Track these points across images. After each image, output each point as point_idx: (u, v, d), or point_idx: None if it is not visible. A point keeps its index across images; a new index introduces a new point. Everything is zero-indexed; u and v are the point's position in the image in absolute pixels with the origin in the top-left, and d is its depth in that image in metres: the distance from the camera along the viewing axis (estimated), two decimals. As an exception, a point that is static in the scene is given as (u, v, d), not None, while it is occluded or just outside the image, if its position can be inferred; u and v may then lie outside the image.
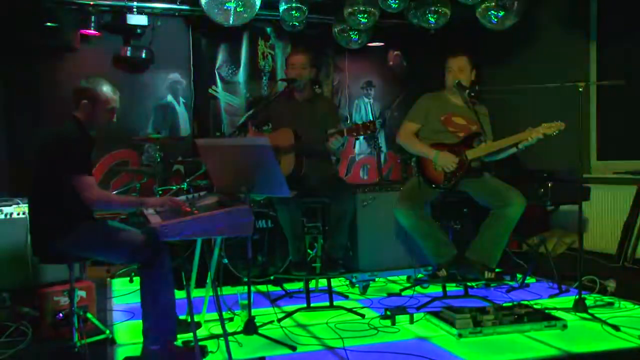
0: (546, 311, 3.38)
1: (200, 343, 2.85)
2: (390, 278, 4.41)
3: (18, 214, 3.54)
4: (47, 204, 2.73)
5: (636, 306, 3.56)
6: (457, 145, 3.80)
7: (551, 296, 3.90)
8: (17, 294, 3.39)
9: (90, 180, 2.71)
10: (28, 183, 2.84)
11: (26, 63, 5.45)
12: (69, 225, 2.72)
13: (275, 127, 3.96)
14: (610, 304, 3.57)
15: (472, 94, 3.79)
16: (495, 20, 4.94)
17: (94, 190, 2.70)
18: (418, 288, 4.12)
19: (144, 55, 5.74)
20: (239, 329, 3.13)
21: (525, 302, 3.56)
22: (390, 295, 4.04)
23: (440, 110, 3.90)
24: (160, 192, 4.58)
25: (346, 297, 4.00)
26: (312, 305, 3.61)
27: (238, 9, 4.51)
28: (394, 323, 3.31)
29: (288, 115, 3.87)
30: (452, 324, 3.09)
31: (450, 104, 3.93)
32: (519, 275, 4.31)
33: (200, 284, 3.66)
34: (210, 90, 6.10)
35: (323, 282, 4.08)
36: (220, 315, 2.86)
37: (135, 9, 5.57)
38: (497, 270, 3.75)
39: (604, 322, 3.20)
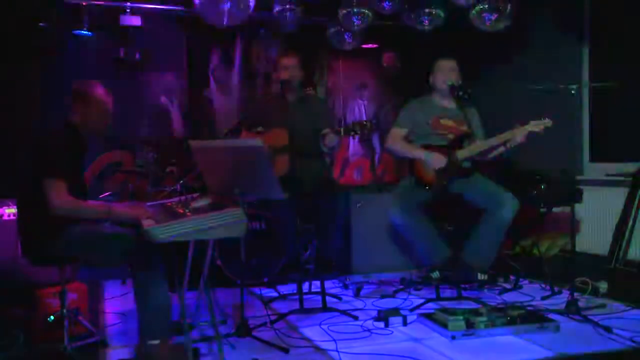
0: (539, 313, 3.39)
1: (193, 345, 2.84)
2: (383, 280, 4.41)
3: (9, 215, 3.52)
4: (36, 206, 2.70)
5: (628, 308, 3.57)
6: (446, 146, 3.81)
7: (544, 297, 3.91)
8: (8, 296, 3.37)
9: (58, 184, 2.65)
10: (17, 184, 2.83)
11: (17, 63, 5.41)
12: (59, 227, 2.70)
13: (267, 128, 3.94)
14: (602, 306, 3.58)
15: (466, 95, 3.81)
16: (489, 22, 4.96)
17: (60, 196, 2.64)
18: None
19: (137, 57, 5.73)
20: (232, 331, 3.12)
21: (518, 304, 3.56)
22: (383, 297, 4.04)
23: (428, 114, 3.92)
24: (153, 194, 4.56)
25: (339, 299, 3.99)
26: (305, 307, 3.60)
27: (232, 10, 4.50)
28: (387, 325, 3.31)
29: (280, 115, 3.86)
30: (445, 325, 3.10)
31: (438, 107, 3.95)
32: (511, 277, 4.32)
33: (193, 286, 3.64)
34: (204, 92, 6.09)
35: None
36: (213, 317, 2.85)
37: (128, 10, 5.55)
38: (490, 272, 3.76)
39: (596, 323, 3.21)
